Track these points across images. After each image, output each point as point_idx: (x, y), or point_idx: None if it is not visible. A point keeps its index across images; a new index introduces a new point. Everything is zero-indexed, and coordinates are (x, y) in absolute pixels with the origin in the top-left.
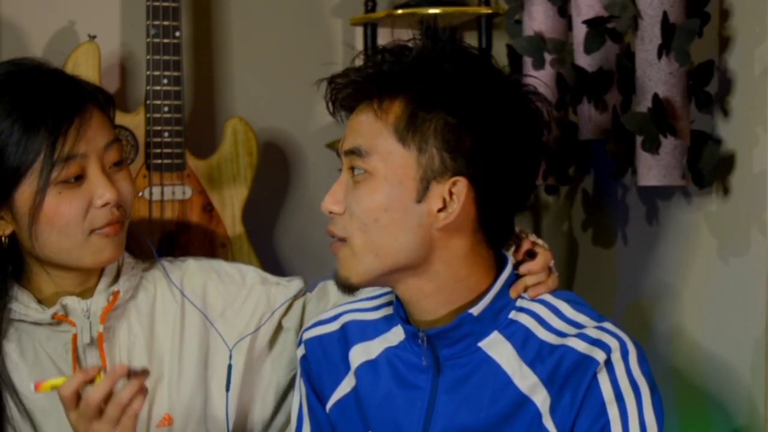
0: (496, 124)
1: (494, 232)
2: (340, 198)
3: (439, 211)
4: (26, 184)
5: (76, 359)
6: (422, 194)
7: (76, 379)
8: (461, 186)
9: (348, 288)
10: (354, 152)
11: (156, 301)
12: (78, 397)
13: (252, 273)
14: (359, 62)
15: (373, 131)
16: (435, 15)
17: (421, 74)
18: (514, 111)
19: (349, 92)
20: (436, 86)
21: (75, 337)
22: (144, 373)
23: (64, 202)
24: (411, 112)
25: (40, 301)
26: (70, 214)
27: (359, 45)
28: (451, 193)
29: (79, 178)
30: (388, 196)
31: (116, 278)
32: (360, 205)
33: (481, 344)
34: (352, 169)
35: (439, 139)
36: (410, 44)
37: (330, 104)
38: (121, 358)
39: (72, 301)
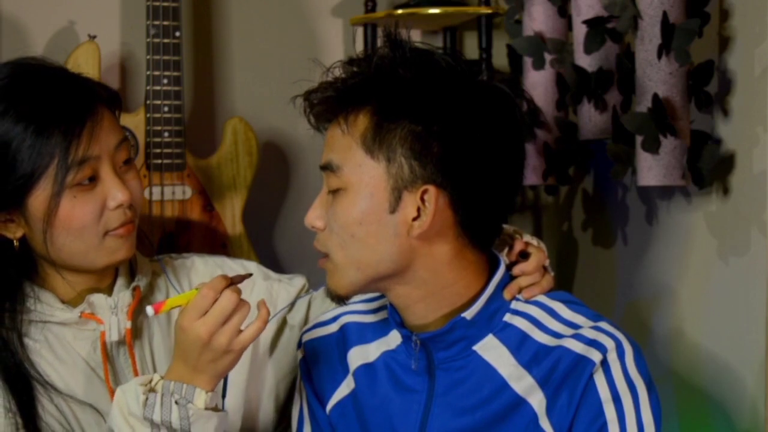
0: (463, 128)
1: (478, 235)
2: (321, 213)
3: (414, 219)
4: (40, 189)
5: (107, 357)
6: (395, 205)
7: (221, 282)
8: (431, 194)
9: (338, 298)
10: (327, 168)
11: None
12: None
13: (254, 268)
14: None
15: (343, 146)
16: (396, 20)
17: (382, 84)
18: (482, 113)
19: (322, 108)
20: (397, 95)
21: (103, 335)
22: (246, 276)
23: (78, 206)
24: (376, 124)
25: (62, 302)
26: (85, 217)
27: (359, 45)
28: (423, 201)
29: (92, 179)
30: (362, 210)
31: (131, 275)
32: (337, 221)
33: (475, 347)
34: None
35: (407, 148)
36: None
37: (310, 119)
38: (144, 355)
39: (98, 299)
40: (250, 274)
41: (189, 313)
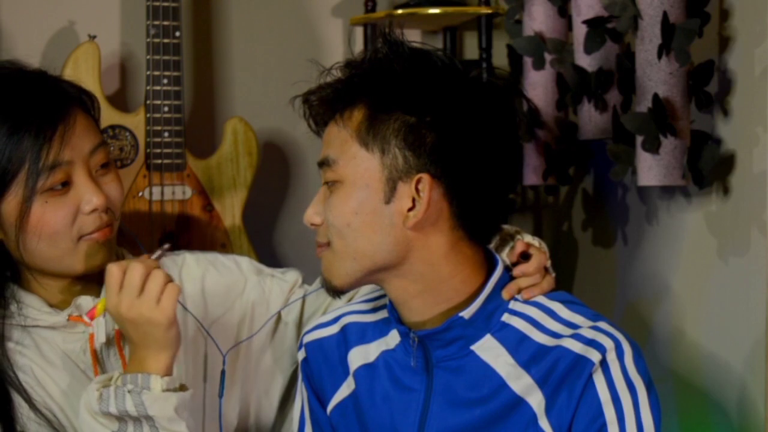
0: (456, 119)
1: (474, 228)
2: (319, 210)
3: (409, 210)
4: (11, 194)
5: (96, 360)
6: (390, 195)
7: (126, 261)
8: (425, 183)
9: (333, 291)
10: (324, 163)
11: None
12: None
13: (246, 263)
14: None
15: (339, 140)
16: (392, 19)
17: (376, 78)
18: (475, 106)
19: (321, 109)
20: (390, 88)
21: (92, 337)
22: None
23: (50, 211)
24: (370, 116)
25: (50, 305)
26: (57, 222)
27: (359, 45)
28: (418, 191)
29: (66, 184)
30: (358, 201)
31: None
32: (333, 212)
33: (473, 347)
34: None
35: (400, 139)
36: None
37: (309, 122)
38: None
39: (85, 301)
40: (166, 247)
41: (108, 298)
